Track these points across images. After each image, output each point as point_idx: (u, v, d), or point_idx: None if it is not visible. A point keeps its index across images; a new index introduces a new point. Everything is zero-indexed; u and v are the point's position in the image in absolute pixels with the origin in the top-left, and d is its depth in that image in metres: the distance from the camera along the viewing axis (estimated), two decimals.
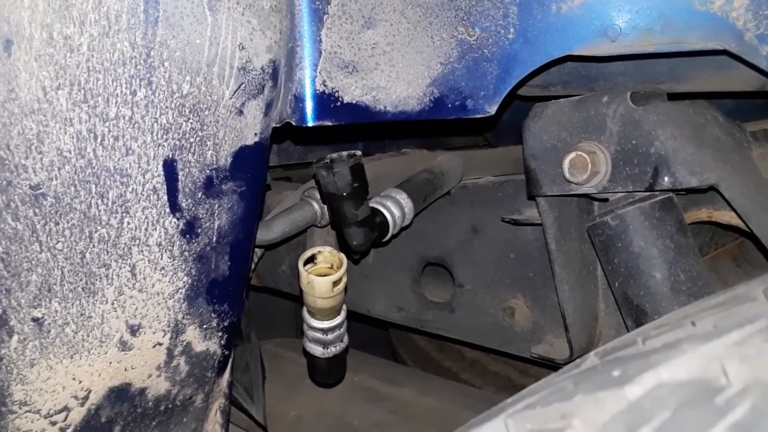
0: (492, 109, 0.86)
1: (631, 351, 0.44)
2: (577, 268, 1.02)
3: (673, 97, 0.89)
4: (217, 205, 0.74)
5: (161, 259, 0.73)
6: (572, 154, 0.86)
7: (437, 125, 0.96)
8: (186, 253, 0.74)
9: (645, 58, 0.83)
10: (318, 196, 1.08)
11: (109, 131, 0.63)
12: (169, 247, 0.73)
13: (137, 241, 0.70)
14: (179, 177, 0.70)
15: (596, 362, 0.46)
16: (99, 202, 0.66)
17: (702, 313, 0.47)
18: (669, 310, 0.84)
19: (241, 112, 0.72)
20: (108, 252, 0.68)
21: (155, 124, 0.66)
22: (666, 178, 0.82)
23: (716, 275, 1.15)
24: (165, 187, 0.69)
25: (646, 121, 0.82)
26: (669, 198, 0.88)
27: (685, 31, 0.75)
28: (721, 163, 0.81)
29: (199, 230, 0.74)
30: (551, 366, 1.06)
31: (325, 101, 0.76)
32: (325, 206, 1.05)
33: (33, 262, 0.64)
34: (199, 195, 0.72)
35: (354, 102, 0.78)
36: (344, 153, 0.93)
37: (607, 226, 0.89)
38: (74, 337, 0.70)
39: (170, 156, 0.68)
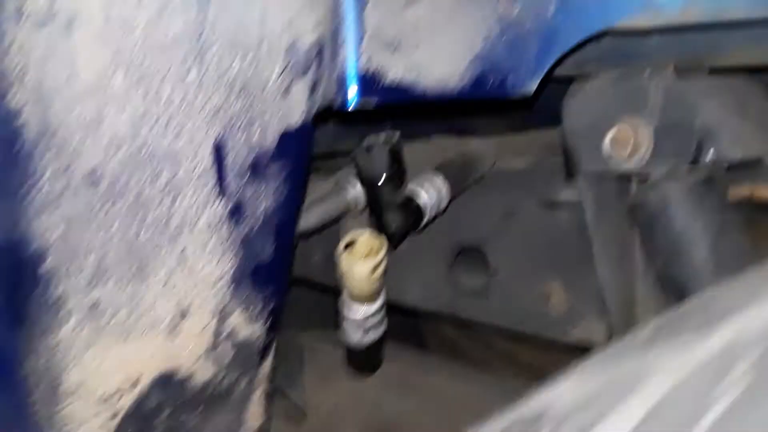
0: (531, 88, 0.85)
1: None
2: (617, 248, 1.01)
3: (713, 71, 0.88)
4: (263, 188, 0.75)
5: (210, 241, 0.73)
6: (614, 130, 0.85)
7: (469, 110, 0.96)
8: (233, 236, 0.75)
9: (686, 31, 0.82)
10: (353, 183, 1.08)
11: (163, 113, 0.64)
12: (218, 230, 0.73)
13: (188, 224, 0.71)
14: (228, 159, 0.70)
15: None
16: (152, 184, 0.66)
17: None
18: None
19: (287, 93, 0.72)
20: (160, 234, 0.69)
21: (206, 105, 0.66)
22: (711, 152, 0.81)
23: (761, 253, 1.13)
24: (214, 168, 0.70)
25: (690, 94, 0.81)
26: (712, 174, 0.86)
27: (729, 1, 0.74)
28: (766, 135, 0.80)
29: (246, 213, 0.75)
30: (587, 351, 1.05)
31: (368, 81, 0.76)
32: (361, 192, 1.05)
33: (90, 244, 0.65)
34: (247, 177, 0.73)
35: (396, 81, 0.78)
36: (382, 135, 0.93)
37: (649, 203, 0.88)
38: (127, 320, 0.71)
39: (220, 137, 0.69)
